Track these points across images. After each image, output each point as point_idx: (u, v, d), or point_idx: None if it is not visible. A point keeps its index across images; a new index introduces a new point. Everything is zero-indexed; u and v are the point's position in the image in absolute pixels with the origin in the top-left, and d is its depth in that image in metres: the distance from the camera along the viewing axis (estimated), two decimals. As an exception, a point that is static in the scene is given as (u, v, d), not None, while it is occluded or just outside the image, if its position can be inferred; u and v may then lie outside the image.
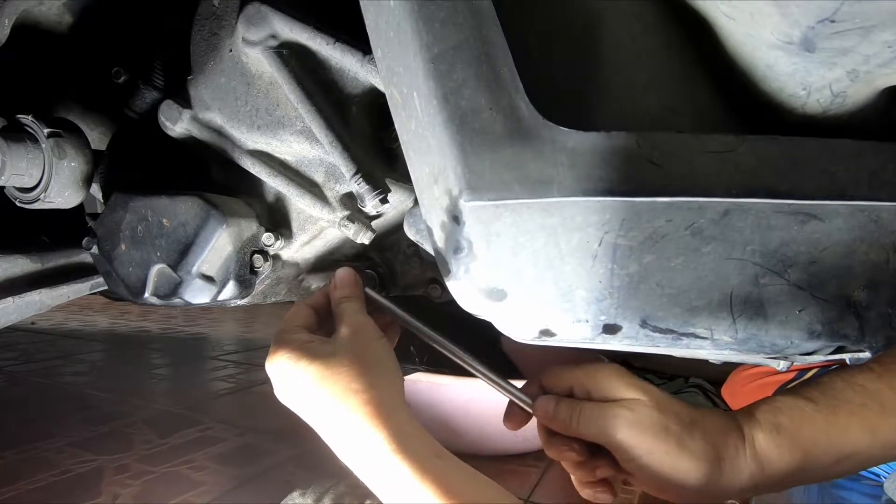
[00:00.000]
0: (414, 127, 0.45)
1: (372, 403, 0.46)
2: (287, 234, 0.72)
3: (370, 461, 0.45)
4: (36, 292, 0.85)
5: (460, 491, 0.42)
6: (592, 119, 0.43)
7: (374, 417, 0.45)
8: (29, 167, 0.70)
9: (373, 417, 0.45)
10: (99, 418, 1.35)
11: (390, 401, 0.47)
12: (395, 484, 0.43)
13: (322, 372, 0.47)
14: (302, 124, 0.64)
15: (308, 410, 0.49)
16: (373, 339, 0.50)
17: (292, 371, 0.48)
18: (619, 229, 0.39)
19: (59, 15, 0.77)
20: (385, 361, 0.50)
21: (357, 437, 0.45)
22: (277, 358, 0.49)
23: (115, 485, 1.03)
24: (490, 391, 0.55)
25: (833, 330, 0.41)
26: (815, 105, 0.41)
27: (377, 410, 0.45)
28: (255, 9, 0.62)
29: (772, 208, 0.39)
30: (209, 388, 1.72)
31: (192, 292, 0.66)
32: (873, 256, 0.41)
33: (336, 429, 0.47)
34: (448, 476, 0.43)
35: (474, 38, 0.40)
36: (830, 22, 0.34)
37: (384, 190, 0.63)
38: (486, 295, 0.44)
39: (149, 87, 0.73)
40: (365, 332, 0.50)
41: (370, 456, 0.45)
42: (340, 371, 0.47)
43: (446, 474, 0.43)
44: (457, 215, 0.42)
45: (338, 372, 0.47)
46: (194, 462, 1.14)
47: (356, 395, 0.46)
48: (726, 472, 0.46)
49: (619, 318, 0.41)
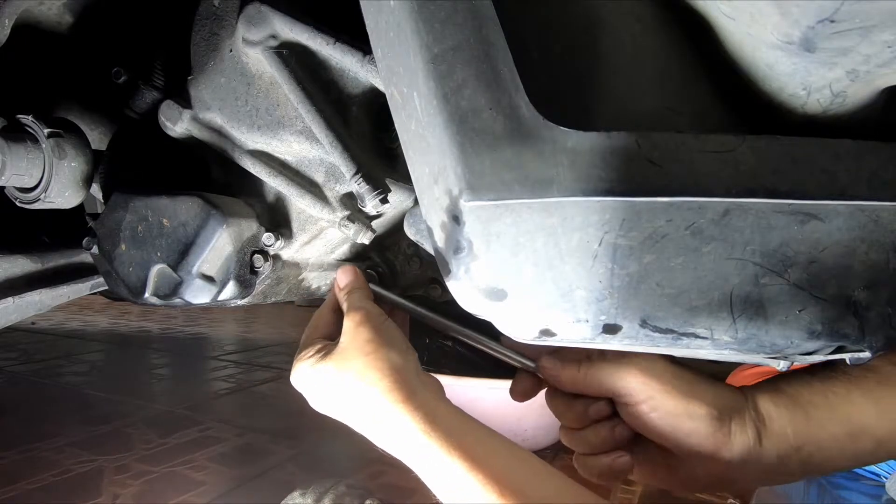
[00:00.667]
0: (414, 127, 0.45)
1: (391, 390, 0.46)
2: (287, 234, 0.72)
3: (401, 443, 0.46)
4: (36, 292, 0.85)
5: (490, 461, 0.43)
6: (592, 119, 0.43)
7: (396, 403, 0.46)
8: (29, 167, 0.70)
9: (394, 403, 0.46)
10: (99, 418, 1.35)
11: (409, 381, 0.48)
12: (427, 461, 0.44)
13: (338, 370, 0.48)
14: (302, 124, 0.64)
15: (337, 409, 0.50)
16: (379, 324, 0.51)
17: (313, 377, 0.50)
18: (619, 229, 0.39)
19: (59, 15, 0.77)
20: (395, 342, 0.50)
21: (384, 424, 0.46)
22: (298, 370, 0.51)
23: (115, 485, 1.03)
24: (490, 392, 0.55)
25: (833, 330, 0.41)
26: (815, 105, 0.41)
27: (397, 396, 0.46)
28: (255, 9, 0.62)
29: (772, 208, 0.39)
30: (209, 388, 1.72)
31: (193, 292, 0.66)
32: (873, 256, 0.41)
33: (365, 420, 0.48)
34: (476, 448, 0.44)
35: (474, 38, 0.40)
36: (830, 22, 0.34)
37: (384, 190, 0.63)
38: (486, 295, 0.44)
39: (149, 87, 0.73)
40: (369, 320, 0.51)
41: (400, 439, 0.46)
42: (353, 365, 0.48)
43: (474, 446, 0.44)
44: (457, 215, 0.42)
45: (352, 367, 0.48)
46: (194, 462, 1.14)
47: (374, 384, 0.47)
48: (732, 427, 0.47)
49: (619, 318, 0.41)
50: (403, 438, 0.45)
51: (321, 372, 0.49)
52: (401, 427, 0.45)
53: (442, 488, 0.44)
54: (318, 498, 0.94)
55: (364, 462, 1.19)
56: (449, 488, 0.44)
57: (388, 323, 0.52)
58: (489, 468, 0.43)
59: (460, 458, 0.43)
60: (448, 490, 0.44)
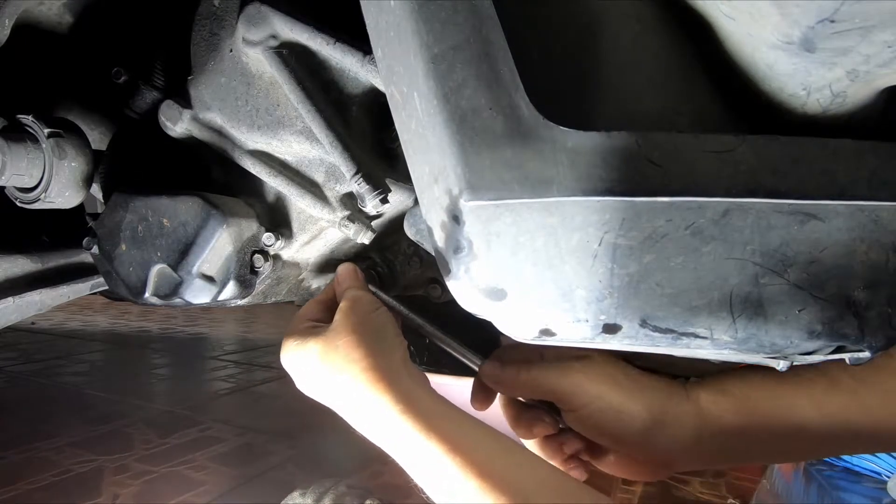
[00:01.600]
0: (414, 126, 0.45)
1: (373, 369, 0.46)
2: (287, 234, 0.72)
3: (378, 424, 0.46)
4: (36, 292, 0.85)
5: (470, 447, 0.43)
6: (592, 119, 0.43)
7: (376, 382, 0.46)
8: (29, 167, 0.70)
9: (374, 382, 0.46)
10: (99, 418, 1.35)
11: (392, 366, 0.48)
12: (404, 444, 0.44)
13: (324, 347, 0.48)
14: (302, 124, 0.64)
15: (319, 389, 0.50)
16: (370, 310, 0.51)
17: (299, 354, 0.50)
18: (619, 229, 0.39)
19: (59, 15, 0.77)
20: (384, 329, 0.51)
21: (362, 403, 0.46)
22: (287, 347, 0.51)
23: (115, 485, 1.03)
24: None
25: (833, 330, 0.41)
26: (815, 105, 0.41)
27: (379, 375, 0.46)
28: (255, 9, 0.62)
29: (772, 208, 0.39)
30: (209, 388, 1.72)
31: (193, 292, 0.66)
32: (873, 256, 0.41)
33: (344, 399, 0.48)
34: (456, 433, 0.44)
35: (474, 38, 0.40)
36: (830, 22, 0.34)
37: (384, 190, 0.63)
38: (486, 294, 0.44)
39: (149, 87, 0.73)
40: (361, 305, 0.51)
41: (377, 419, 0.45)
42: (339, 343, 0.48)
43: (454, 431, 0.44)
44: (457, 215, 0.42)
45: (336, 345, 0.48)
46: (194, 462, 1.14)
47: (356, 363, 0.47)
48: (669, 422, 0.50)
49: (619, 318, 0.41)
50: (381, 420, 0.45)
51: (307, 348, 0.49)
52: (378, 408, 0.45)
53: (420, 472, 0.44)
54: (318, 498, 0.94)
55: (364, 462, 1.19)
56: (427, 472, 0.43)
57: (381, 310, 0.52)
58: (470, 454, 0.42)
59: (438, 442, 0.42)
60: (426, 474, 0.43)
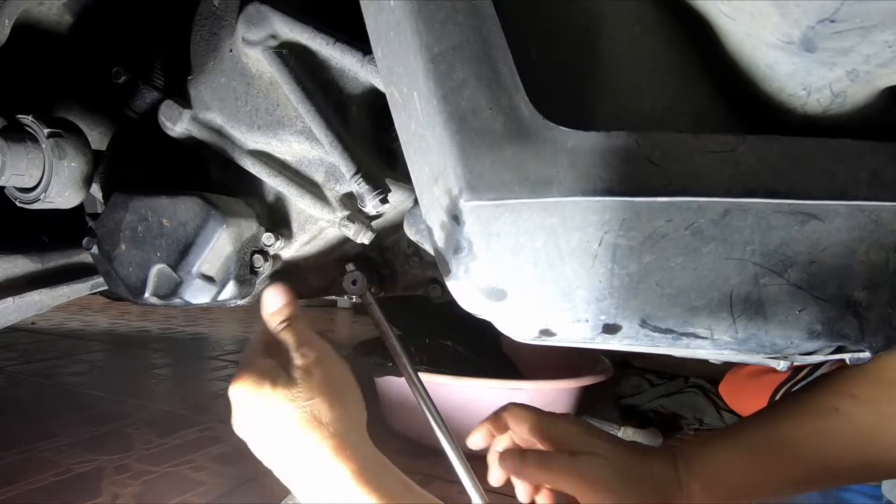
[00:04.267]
0: (414, 127, 0.45)
1: (337, 436, 0.45)
2: (287, 234, 0.72)
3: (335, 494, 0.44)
4: (36, 292, 0.84)
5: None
6: (592, 119, 0.43)
7: (340, 451, 0.45)
8: (29, 167, 0.70)
9: (338, 451, 0.45)
10: (99, 418, 1.35)
11: (355, 433, 0.47)
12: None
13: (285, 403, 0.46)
14: (302, 124, 0.64)
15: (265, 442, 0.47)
16: (335, 368, 0.49)
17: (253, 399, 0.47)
18: (619, 229, 0.39)
19: (59, 15, 0.77)
20: (348, 390, 0.49)
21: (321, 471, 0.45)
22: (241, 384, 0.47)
23: (115, 485, 1.03)
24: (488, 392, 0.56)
25: (833, 330, 0.41)
26: (815, 105, 0.41)
27: (342, 443, 0.45)
28: (255, 9, 0.62)
29: (772, 208, 0.39)
30: (209, 388, 1.72)
31: (193, 292, 0.66)
32: (873, 256, 0.41)
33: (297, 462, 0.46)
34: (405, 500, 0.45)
35: (474, 38, 0.40)
36: (830, 22, 0.34)
37: (384, 190, 0.63)
38: (486, 295, 0.44)
39: (149, 87, 0.73)
40: (326, 361, 0.49)
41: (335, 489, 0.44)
42: (304, 404, 0.46)
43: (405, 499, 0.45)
44: (457, 215, 0.42)
45: (301, 405, 0.46)
46: (194, 462, 1.14)
47: (321, 428, 0.45)
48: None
49: (619, 318, 0.41)
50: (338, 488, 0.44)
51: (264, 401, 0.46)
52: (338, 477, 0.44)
53: None
54: (318, 498, 0.94)
55: (364, 462, 1.18)
56: None
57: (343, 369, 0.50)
58: None
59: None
60: None
